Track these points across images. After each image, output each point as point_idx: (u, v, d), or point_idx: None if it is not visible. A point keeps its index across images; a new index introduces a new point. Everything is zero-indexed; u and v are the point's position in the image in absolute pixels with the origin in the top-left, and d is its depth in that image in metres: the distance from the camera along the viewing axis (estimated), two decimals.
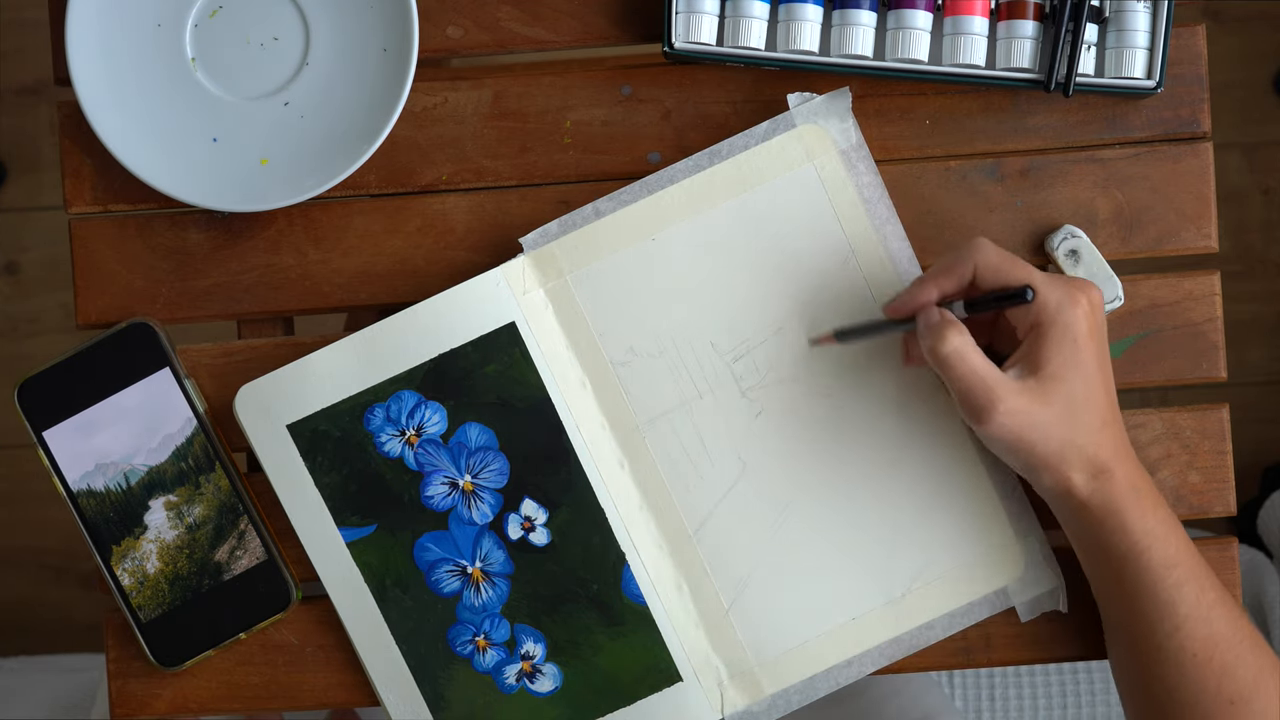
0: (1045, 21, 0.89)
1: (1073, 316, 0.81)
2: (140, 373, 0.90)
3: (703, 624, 0.91)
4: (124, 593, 0.91)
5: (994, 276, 0.82)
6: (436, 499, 0.90)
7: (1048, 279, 0.82)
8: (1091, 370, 0.82)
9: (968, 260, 0.83)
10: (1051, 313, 0.81)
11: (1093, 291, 0.83)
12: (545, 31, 0.93)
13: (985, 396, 0.81)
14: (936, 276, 0.84)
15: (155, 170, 0.90)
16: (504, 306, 0.89)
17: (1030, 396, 0.81)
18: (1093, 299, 0.82)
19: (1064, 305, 0.81)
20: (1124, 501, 0.83)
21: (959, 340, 0.81)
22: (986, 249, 0.83)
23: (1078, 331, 0.81)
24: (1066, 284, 0.82)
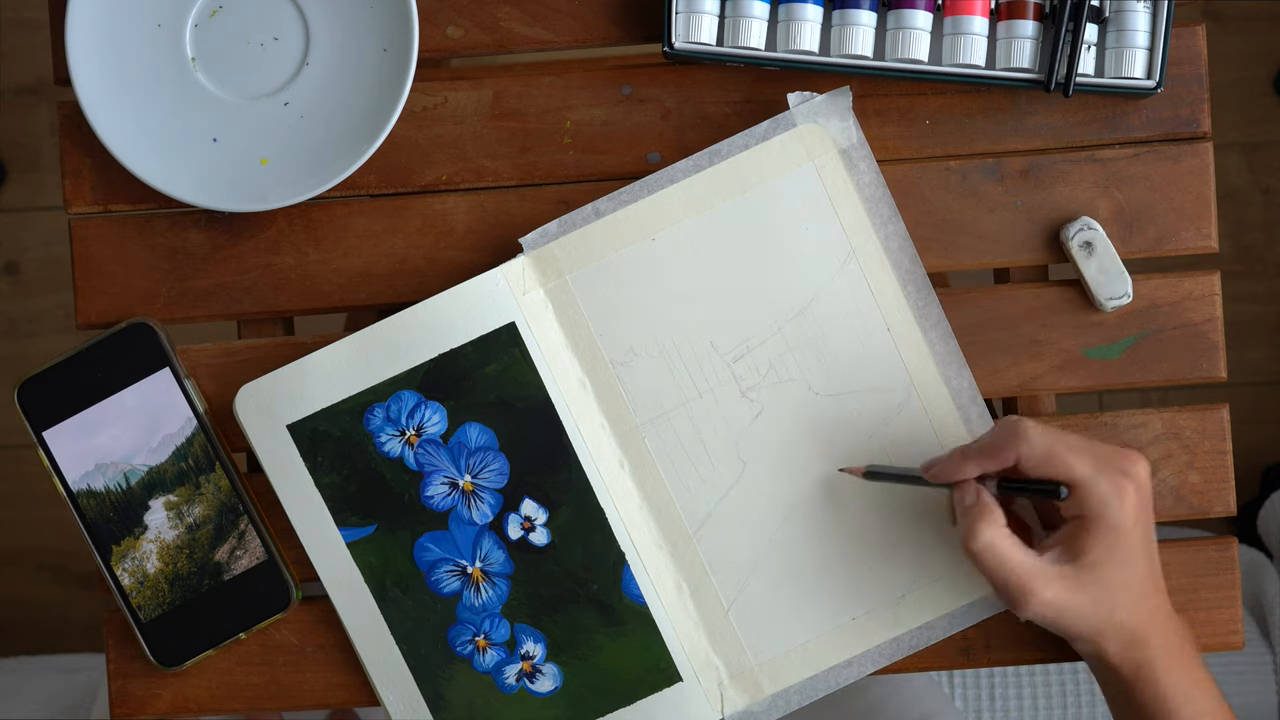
0: (1045, 21, 0.89)
1: (1119, 511, 0.80)
2: (140, 373, 0.90)
3: (703, 624, 0.91)
4: (124, 593, 0.91)
5: (1037, 467, 0.81)
6: (436, 499, 0.90)
7: (1095, 467, 0.81)
8: (1134, 555, 0.81)
9: (1011, 447, 0.82)
10: (1096, 507, 0.81)
11: (1140, 471, 0.81)
12: (545, 31, 0.93)
13: (1019, 589, 0.81)
14: (978, 456, 0.83)
15: (155, 170, 0.90)
16: (504, 306, 0.89)
17: (1066, 584, 0.81)
18: (1140, 482, 0.81)
19: (1109, 500, 0.80)
20: (1156, 664, 0.83)
21: (990, 534, 0.81)
22: (1031, 437, 0.81)
23: (1122, 523, 0.81)
24: (1113, 473, 0.81)
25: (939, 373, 0.90)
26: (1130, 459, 0.82)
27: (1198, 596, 0.92)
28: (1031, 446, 0.81)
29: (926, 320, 0.90)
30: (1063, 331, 0.92)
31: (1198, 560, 0.92)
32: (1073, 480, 0.81)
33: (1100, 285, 0.90)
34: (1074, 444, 0.82)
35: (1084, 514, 0.81)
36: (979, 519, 0.82)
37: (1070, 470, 0.81)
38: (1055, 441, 0.81)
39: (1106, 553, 0.81)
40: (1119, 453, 0.82)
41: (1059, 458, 0.81)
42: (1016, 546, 0.82)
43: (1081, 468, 0.81)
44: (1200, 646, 0.92)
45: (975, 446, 0.83)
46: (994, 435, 0.83)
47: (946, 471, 0.84)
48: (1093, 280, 0.90)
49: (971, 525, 0.82)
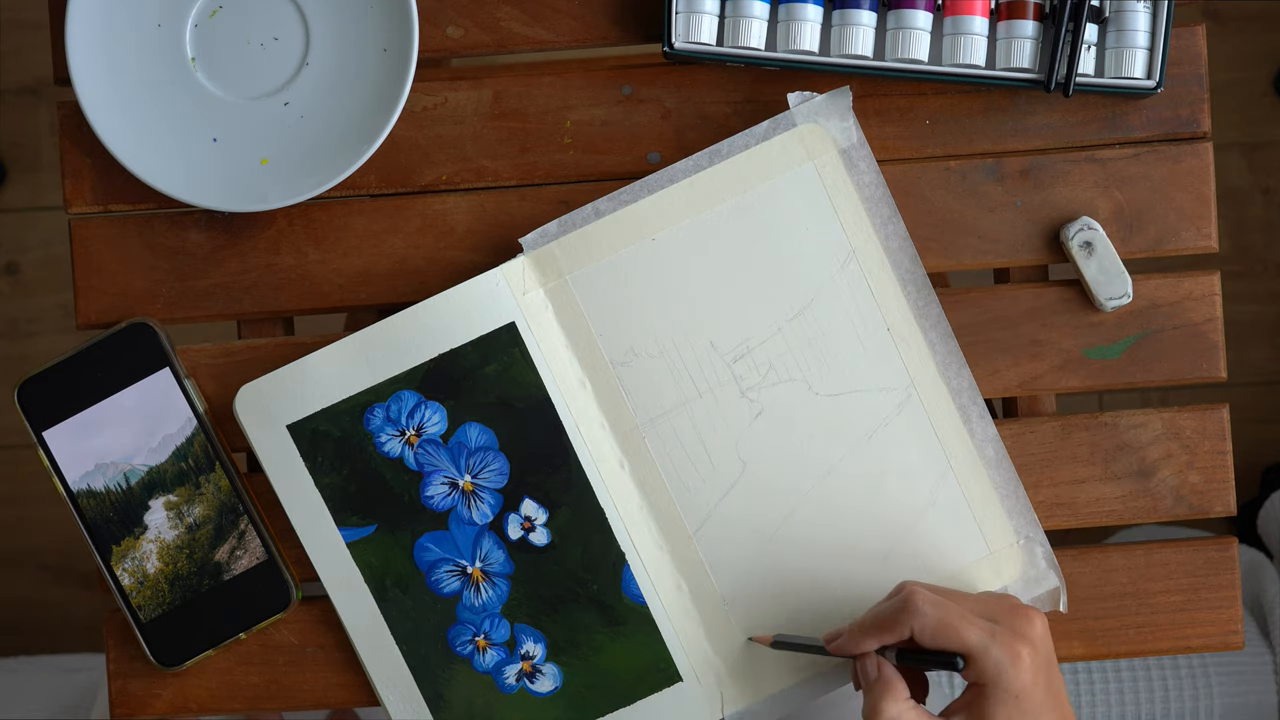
0: (1045, 21, 0.89)
1: (1014, 676, 0.80)
2: (140, 373, 0.90)
3: (703, 624, 0.91)
4: (124, 593, 0.91)
5: (930, 639, 0.81)
6: (436, 499, 0.90)
7: (988, 635, 0.81)
8: (1038, 714, 0.81)
9: (904, 620, 0.82)
10: (992, 675, 0.80)
11: (1034, 630, 0.81)
12: (545, 31, 0.93)
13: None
14: (877, 629, 0.83)
15: (155, 170, 0.90)
16: (504, 306, 0.89)
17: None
18: (1035, 641, 0.81)
19: (1003, 666, 0.80)
20: None
21: (892, 710, 0.81)
22: (922, 610, 0.82)
23: (1020, 687, 0.80)
24: (1007, 637, 0.81)
25: (939, 373, 0.90)
26: (1025, 618, 0.82)
27: (1198, 596, 0.92)
28: (923, 619, 0.81)
29: (926, 320, 0.90)
30: (1063, 331, 0.92)
31: (1198, 560, 0.92)
32: (965, 650, 0.81)
33: (1100, 285, 0.90)
34: (965, 613, 0.82)
35: (981, 681, 0.81)
36: (882, 695, 0.82)
37: (963, 640, 0.81)
38: (946, 613, 0.81)
39: (1009, 716, 0.81)
40: (1014, 612, 0.82)
41: (950, 629, 0.81)
42: (922, 715, 0.82)
43: (973, 637, 0.81)
44: (1197, 646, 0.92)
45: (870, 620, 0.84)
46: (887, 608, 0.83)
47: (847, 646, 0.84)
48: (1093, 280, 0.90)
49: (875, 702, 0.82)
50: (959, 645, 0.81)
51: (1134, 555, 0.92)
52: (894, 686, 0.82)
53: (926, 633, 0.81)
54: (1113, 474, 0.92)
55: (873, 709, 0.82)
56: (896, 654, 0.83)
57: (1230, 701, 1.38)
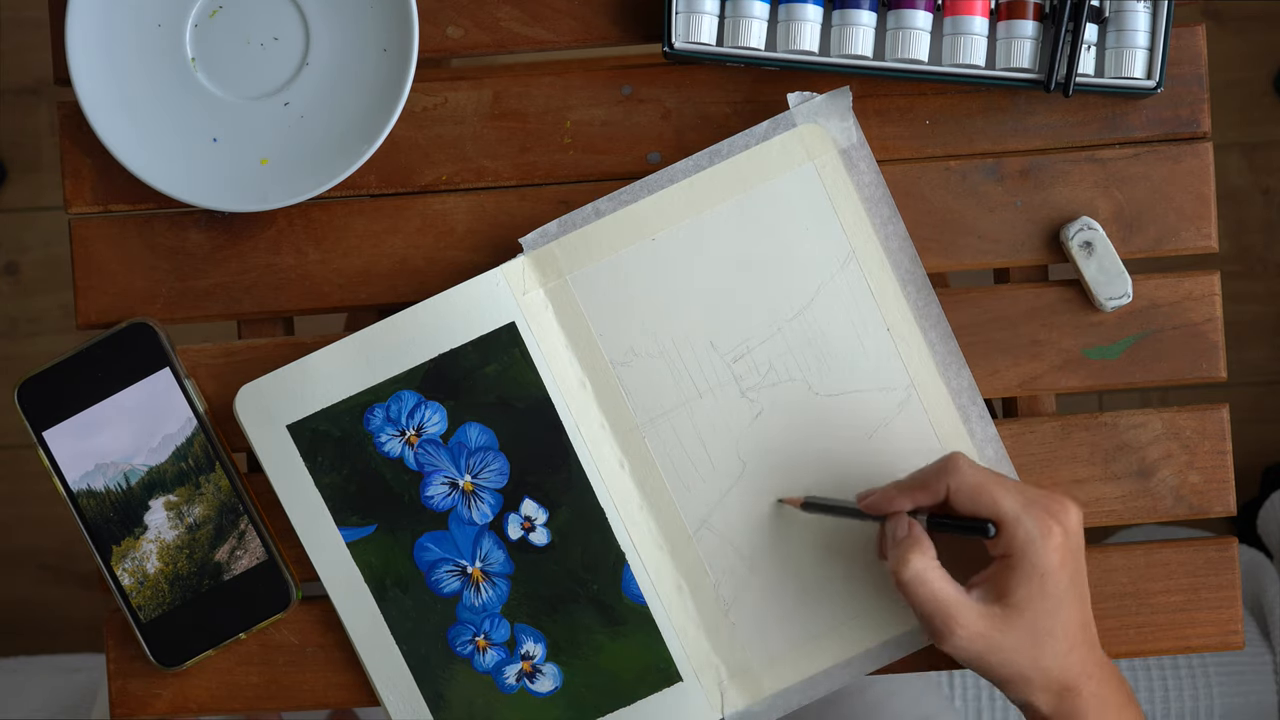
0: (1045, 21, 0.89)
1: (1043, 551, 0.80)
2: (140, 373, 0.90)
3: (703, 624, 0.91)
4: (124, 593, 0.91)
5: (966, 501, 0.81)
6: (436, 499, 0.90)
7: (1022, 505, 0.81)
8: (1061, 599, 0.81)
9: (941, 479, 0.82)
10: (1020, 546, 0.81)
11: (1069, 516, 0.82)
12: (545, 31, 0.93)
13: (943, 621, 0.81)
14: (911, 489, 0.83)
15: (155, 170, 0.90)
16: (504, 306, 0.89)
17: (990, 622, 0.81)
18: (1068, 526, 0.81)
19: (1033, 539, 0.80)
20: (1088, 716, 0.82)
21: (920, 563, 0.82)
22: (961, 471, 0.82)
23: (1047, 565, 0.80)
24: (1040, 512, 0.81)
25: (939, 373, 0.90)
26: (1061, 503, 0.82)
27: (1198, 596, 0.92)
28: (961, 479, 0.82)
29: (926, 320, 0.90)
30: (1063, 331, 0.92)
31: (1198, 560, 0.92)
32: (998, 517, 0.81)
33: (1100, 285, 0.90)
34: (1005, 482, 0.82)
35: (1009, 553, 0.81)
36: (910, 549, 0.82)
37: (996, 506, 0.81)
38: (986, 478, 0.82)
39: (1031, 594, 0.81)
40: (1051, 496, 0.82)
41: (987, 493, 0.81)
42: (945, 579, 0.82)
43: (1008, 505, 0.81)
44: (1197, 646, 0.92)
45: (908, 479, 0.84)
46: (926, 467, 0.83)
47: (880, 503, 0.85)
48: (1093, 280, 0.90)
49: (902, 555, 0.82)
50: (992, 510, 0.81)
51: (1134, 555, 0.92)
52: (923, 542, 0.82)
53: (963, 493, 0.81)
54: (1113, 474, 0.92)
55: (900, 560, 0.82)
56: (928, 520, 0.83)
57: (1230, 701, 1.38)
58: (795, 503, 0.89)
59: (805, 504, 0.88)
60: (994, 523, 0.81)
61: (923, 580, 0.81)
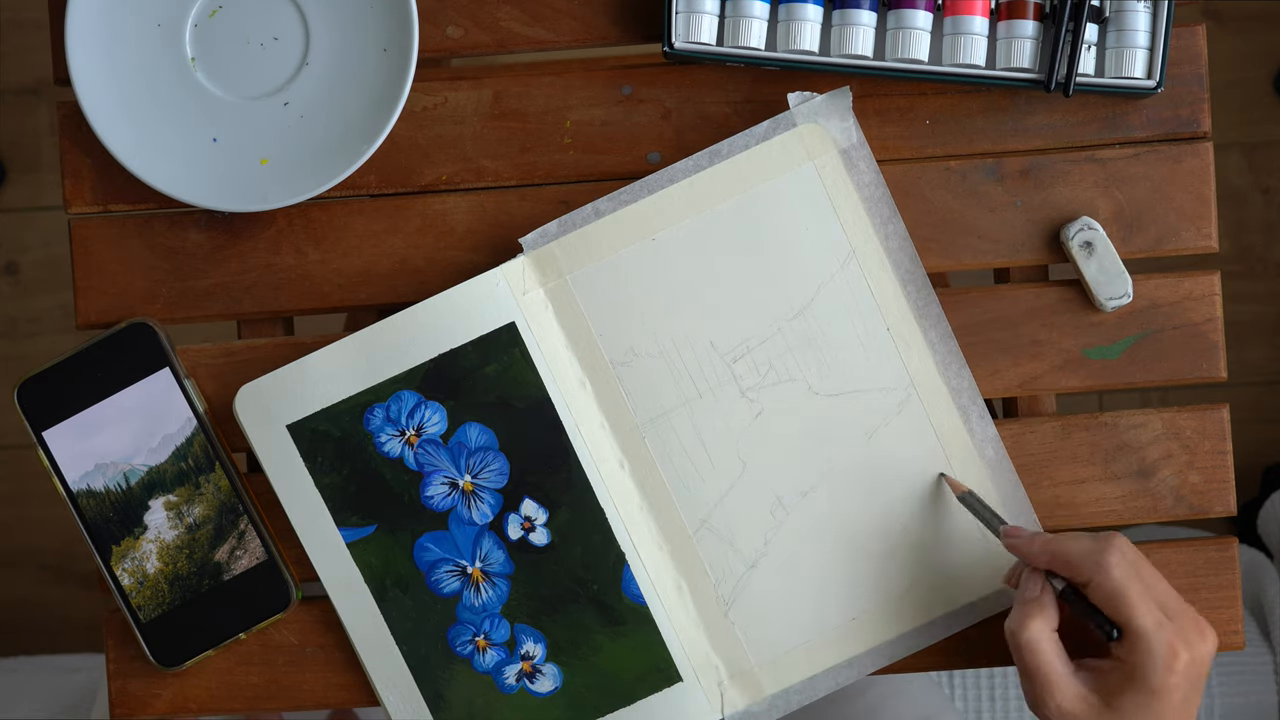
0: (1045, 21, 0.89)
1: (1161, 673, 0.80)
2: (140, 373, 0.90)
3: (703, 624, 0.91)
4: (124, 593, 0.91)
5: (1102, 598, 0.81)
6: (436, 499, 0.90)
7: (1155, 624, 0.80)
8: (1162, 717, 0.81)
9: (1088, 570, 0.82)
10: (1140, 660, 0.80)
11: (1201, 644, 0.81)
12: (545, 31, 0.93)
13: (1044, 688, 0.82)
14: (1058, 558, 0.83)
15: (155, 170, 0.90)
16: (504, 306, 0.89)
17: (1086, 708, 0.81)
18: (1196, 653, 0.80)
19: (1155, 660, 0.80)
20: None
21: (1037, 629, 0.82)
22: (1110, 572, 0.81)
23: (1159, 686, 0.80)
24: (1172, 635, 0.80)
25: (939, 373, 0.90)
26: (1198, 630, 0.81)
27: (1198, 596, 0.92)
28: (1105, 577, 0.81)
29: (926, 320, 0.90)
30: (1063, 331, 0.92)
31: (1198, 560, 0.92)
32: (1128, 628, 0.81)
33: (1100, 285, 0.90)
34: (1149, 594, 0.81)
35: (1130, 662, 0.81)
36: (1033, 613, 0.83)
37: (1130, 617, 0.81)
38: (1129, 586, 0.81)
39: (1136, 705, 0.81)
40: (1190, 620, 0.82)
41: (1124, 601, 0.81)
42: (1057, 652, 0.82)
43: (1141, 620, 0.80)
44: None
45: (1061, 547, 0.83)
46: (1082, 548, 0.82)
47: (1024, 549, 0.85)
48: (1093, 280, 0.90)
49: (1025, 615, 0.83)
50: (1124, 620, 0.81)
51: None
52: (1048, 612, 0.83)
53: (1101, 591, 0.81)
54: (1113, 474, 0.92)
55: (1020, 622, 0.82)
56: (1065, 590, 0.83)
57: (1230, 701, 1.38)
58: (959, 488, 0.89)
59: (962, 496, 0.88)
60: (1121, 629, 0.81)
61: (1035, 648, 0.82)
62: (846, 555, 0.90)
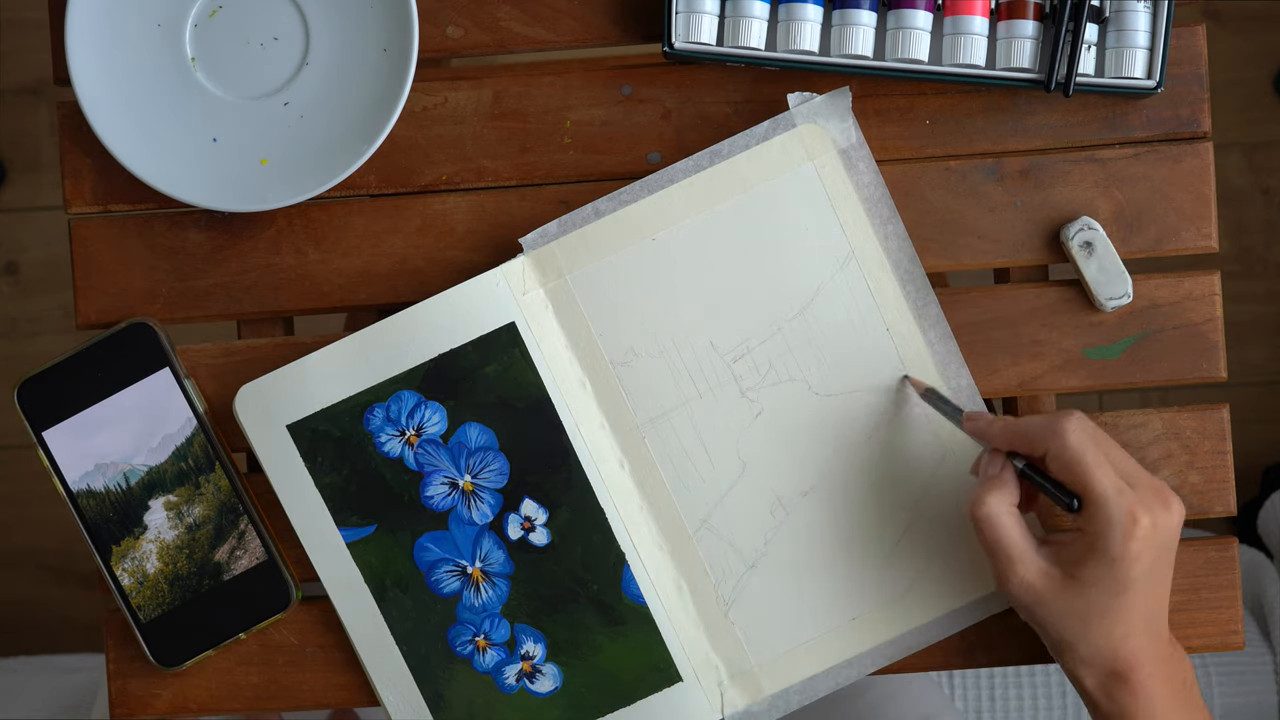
0: (1045, 21, 0.89)
1: (1121, 540, 0.79)
2: (140, 373, 0.90)
3: (703, 624, 0.91)
4: (124, 593, 0.91)
5: (1060, 467, 0.81)
6: (436, 499, 0.90)
7: (1115, 490, 0.80)
8: (1126, 586, 0.80)
9: (1045, 440, 0.81)
10: (1099, 529, 0.80)
11: (1163, 511, 0.80)
12: (545, 31, 0.93)
13: (1006, 562, 0.82)
14: (1015, 435, 0.83)
15: (155, 170, 0.90)
16: (504, 307, 0.89)
17: (1048, 582, 0.82)
18: (1159, 520, 0.80)
19: (1114, 527, 0.79)
20: (1134, 707, 0.82)
21: (995, 505, 0.82)
22: (1066, 439, 0.80)
23: (1120, 553, 0.80)
24: (1133, 503, 0.80)
25: (938, 373, 0.90)
26: (1161, 499, 0.81)
27: (1198, 596, 0.92)
28: (1062, 445, 0.81)
29: (926, 320, 0.90)
30: (1063, 331, 0.92)
31: (1198, 560, 0.92)
32: (1087, 494, 0.80)
33: (1100, 285, 0.90)
34: (1107, 462, 0.81)
35: (1090, 531, 0.81)
36: (993, 489, 0.83)
37: (1089, 483, 0.80)
38: (1086, 454, 0.80)
39: (1098, 575, 0.80)
40: (1152, 488, 0.81)
41: (1083, 467, 0.80)
42: (1018, 526, 0.82)
43: (1099, 485, 0.80)
44: (1198, 646, 0.92)
45: (1018, 425, 0.83)
46: (1038, 421, 0.83)
47: (984, 432, 0.85)
48: (1093, 280, 0.90)
49: (983, 492, 0.83)
50: (1083, 485, 0.80)
51: None
52: (1007, 488, 0.83)
53: (1059, 460, 0.81)
54: None
55: (978, 499, 0.83)
56: (1024, 467, 0.83)
57: (1230, 701, 1.38)
58: (920, 385, 0.89)
59: (925, 392, 0.88)
60: (1081, 499, 0.81)
61: (994, 522, 0.82)
62: (846, 555, 0.90)
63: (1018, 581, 0.82)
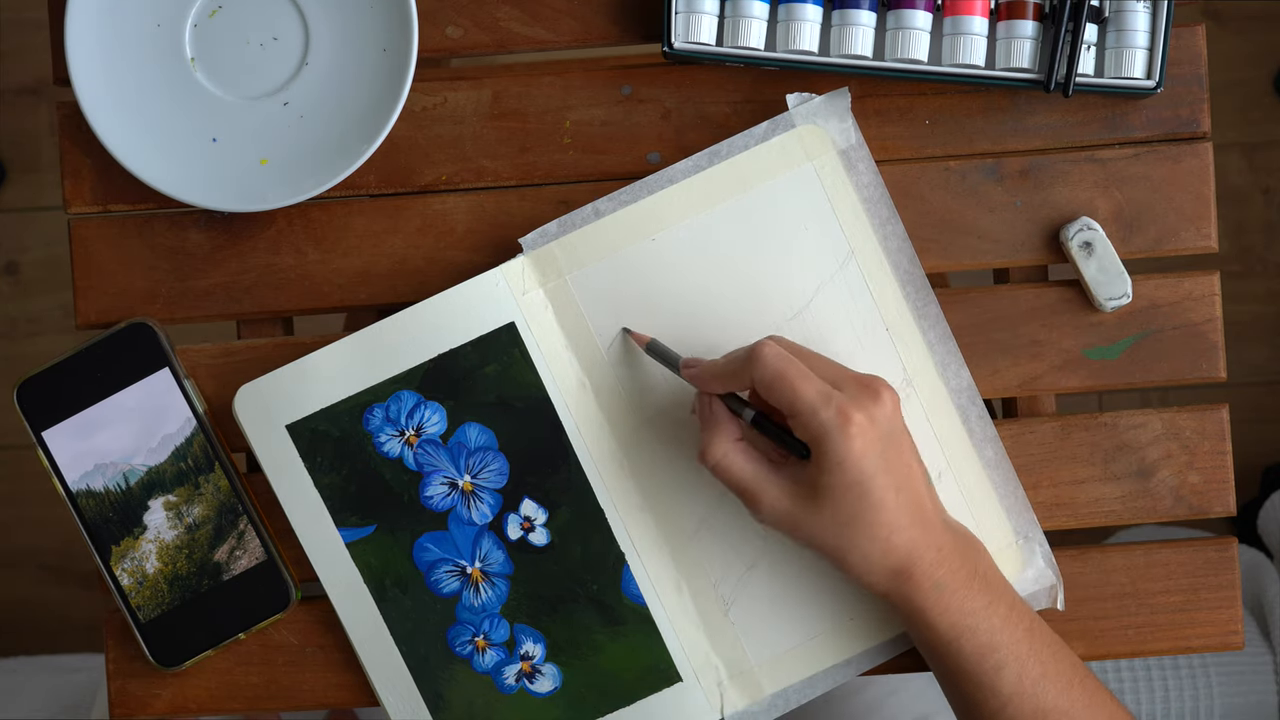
0: (1045, 21, 0.89)
1: (840, 440, 0.79)
2: (140, 373, 0.90)
3: (703, 624, 0.91)
4: (123, 593, 0.91)
5: (767, 389, 0.81)
6: (436, 499, 0.90)
7: (820, 398, 0.80)
8: (867, 485, 0.80)
9: (746, 369, 0.82)
10: (816, 437, 0.80)
11: (874, 403, 0.80)
12: (545, 31, 0.93)
13: (751, 495, 0.83)
14: (723, 375, 0.83)
15: (155, 170, 0.90)
16: (503, 306, 0.89)
17: (795, 502, 0.82)
18: (873, 413, 0.80)
19: (829, 430, 0.80)
20: (925, 600, 0.82)
21: (723, 446, 0.83)
22: (764, 361, 0.81)
23: (845, 453, 0.80)
24: (842, 404, 0.80)
25: (938, 373, 0.90)
26: (869, 391, 0.81)
27: (1198, 596, 0.92)
28: (763, 369, 0.81)
29: (925, 320, 0.90)
30: (1063, 331, 0.92)
31: (1198, 560, 0.92)
32: (794, 408, 0.80)
33: (1100, 285, 0.91)
34: (808, 373, 0.81)
35: (811, 439, 0.81)
36: (713, 432, 0.83)
37: (795, 396, 0.80)
38: (787, 367, 0.81)
39: (834, 483, 0.80)
40: (859, 384, 0.81)
41: (786, 383, 0.80)
42: (749, 458, 0.83)
43: (806, 396, 0.80)
44: (1198, 646, 0.92)
45: (721, 363, 0.84)
46: (736, 354, 0.83)
47: (699, 377, 0.85)
48: (1093, 280, 0.90)
49: (707, 439, 0.83)
50: (790, 402, 0.80)
51: (1134, 555, 0.92)
52: (725, 425, 0.83)
53: (764, 383, 0.81)
54: (1112, 474, 0.92)
55: (704, 447, 0.83)
56: (754, 419, 0.84)
57: (1230, 701, 1.38)
58: (641, 339, 0.89)
59: (648, 346, 0.88)
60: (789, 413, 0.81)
61: (727, 462, 0.83)
62: None
63: (767, 511, 0.82)
